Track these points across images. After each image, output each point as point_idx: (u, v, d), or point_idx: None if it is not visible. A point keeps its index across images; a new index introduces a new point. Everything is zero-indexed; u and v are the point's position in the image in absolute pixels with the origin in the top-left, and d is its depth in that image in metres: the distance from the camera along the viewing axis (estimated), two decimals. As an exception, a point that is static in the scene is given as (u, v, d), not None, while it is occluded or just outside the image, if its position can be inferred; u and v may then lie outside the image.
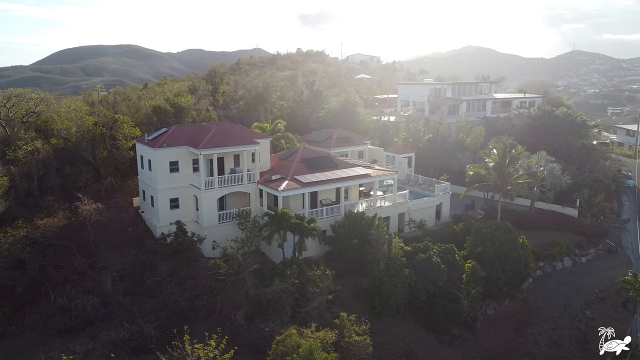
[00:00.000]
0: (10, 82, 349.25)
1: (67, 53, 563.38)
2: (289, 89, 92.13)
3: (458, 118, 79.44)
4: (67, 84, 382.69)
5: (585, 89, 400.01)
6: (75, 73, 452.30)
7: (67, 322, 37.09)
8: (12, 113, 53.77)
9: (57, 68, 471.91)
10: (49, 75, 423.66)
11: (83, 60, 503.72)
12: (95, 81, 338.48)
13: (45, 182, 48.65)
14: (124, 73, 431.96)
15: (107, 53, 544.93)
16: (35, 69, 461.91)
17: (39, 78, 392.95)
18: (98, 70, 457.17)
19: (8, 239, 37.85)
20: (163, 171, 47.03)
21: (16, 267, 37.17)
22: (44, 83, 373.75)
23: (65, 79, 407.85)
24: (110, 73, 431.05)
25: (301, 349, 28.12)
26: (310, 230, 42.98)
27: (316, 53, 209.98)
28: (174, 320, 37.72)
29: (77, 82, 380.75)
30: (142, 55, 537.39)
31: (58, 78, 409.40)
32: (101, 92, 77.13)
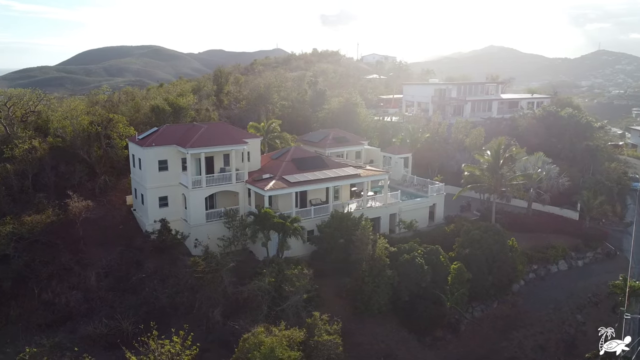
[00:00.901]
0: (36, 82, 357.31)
1: (91, 54, 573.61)
2: (294, 89, 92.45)
3: (458, 118, 78.75)
4: (91, 84, 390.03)
5: (610, 90, 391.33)
6: (98, 73, 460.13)
7: (49, 316, 38.06)
8: (12, 112, 55.23)
9: (81, 68, 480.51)
10: (73, 76, 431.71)
11: (106, 60, 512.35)
12: (117, 81, 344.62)
13: (39, 179, 49.87)
14: (146, 73, 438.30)
15: (130, 54, 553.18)
16: (60, 69, 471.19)
17: (64, 78, 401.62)
18: (120, 70, 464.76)
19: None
20: (152, 170, 47.79)
21: (0, 262, 38.24)
22: (68, 83, 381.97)
23: (88, 79, 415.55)
24: (133, 73, 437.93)
25: (263, 347, 28.37)
26: (292, 230, 43.22)
27: (330, 53, 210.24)
28: (153, 316, 38.12)
29: (100, 82, 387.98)
30: (164, 56, 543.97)
31: (82, 78, 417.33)
32: (106, 92, 78.44)
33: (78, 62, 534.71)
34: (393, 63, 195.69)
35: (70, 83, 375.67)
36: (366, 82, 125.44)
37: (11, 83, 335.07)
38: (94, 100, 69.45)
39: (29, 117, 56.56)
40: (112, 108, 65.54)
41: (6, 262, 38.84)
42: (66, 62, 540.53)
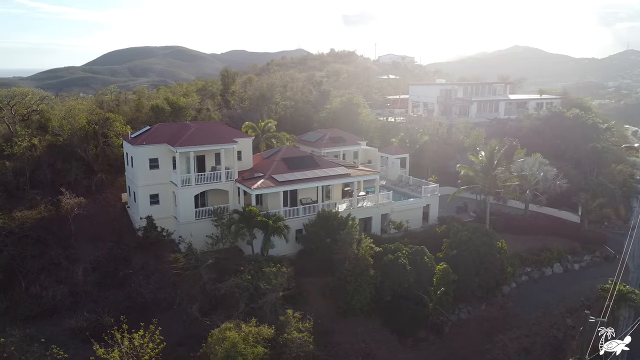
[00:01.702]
0: (63, 82, 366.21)
1: (116, 54, 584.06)
2: (299, 90, 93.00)
3: (459, 119, 78.14)
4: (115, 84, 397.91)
5: (638, 91, 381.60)
6: (123, 73, 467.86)
7: (36, 309, 39.22)
8: (14, 111, 57.00)
9: (107, 69, 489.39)
10: (99, 76, 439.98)
11: (131, 61, 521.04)
12: (141, 81, 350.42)
13: (36, 177, 51.36)
14: (169, 74, 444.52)
15: (154, 54, 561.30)
16: (86, 70, 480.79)
17: (89, 78, 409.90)
18: (144, 70, 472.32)
19: (-19, 229, 40.49)
20: (143, 168, 48.75)
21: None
22: (93, 83, 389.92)
23: (113, 79, 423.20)
24: (156, 74, 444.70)
25: (225, 342, 28.86)
26: (275, 229, 43.65)
27: (346, 54, 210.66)
28: (134, 311, 39.16)
29: (125, 82, 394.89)
30: (187, 56, 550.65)
31: (107, 78, 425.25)
32: (114, 91, 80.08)
33: (104, 62, 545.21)
34: (411, 63, 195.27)
35: (95, 83, 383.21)
36: (376, 82, 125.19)
37: (39, 83, 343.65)
38: (99, 100, 71.16)
39: (31, 116, 58.28)
40: (115, 107, 67.08)
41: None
42: (92, 62, 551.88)
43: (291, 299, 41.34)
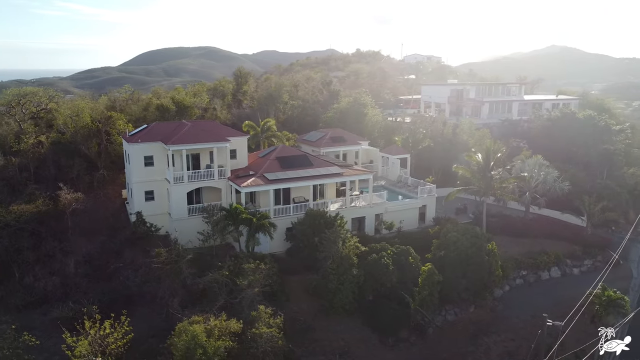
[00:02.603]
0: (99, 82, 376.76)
1: (151, 54, 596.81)
2: (310, 89, 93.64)
3: (463, 119, 77.22)
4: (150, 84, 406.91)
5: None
6: (157, 74, 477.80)
7: (27, 298, 41.07)
8: (25, 110, 59.58)
9: (142, 69, 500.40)
10: (134, 76, 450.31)
11: (165, 61, 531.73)
12: (175, 81, 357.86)
13: (41, 172, 53.58)
14: (202, 74, 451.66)
15: (187, 55, 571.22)
16: (122, 70, 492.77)
17: (125, 78, 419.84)
18: (178, 71, 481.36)
19: (-22, 221, 42.63)
20: (138, 165, 50.30)
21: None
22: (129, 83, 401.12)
23: (148, 79, 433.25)
24: (189, 74, 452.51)
25: (185, 334, 29.75)
26: (259, 226, 44.39)
27: (371, 53, 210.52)
28: (120, 303, 40.34)
29: (159, 82, 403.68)
30: (219, 57, 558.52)
31: (142, 78, 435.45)
32: (127, 91, 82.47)
33: (139, 62, 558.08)
34: (437, 63, 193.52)
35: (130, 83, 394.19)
36: (397, 82, 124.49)
37: (77, 83, 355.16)
38: (112, 99, 73.57)
39: (40, 114, 60.78)
40: (125, 106, 69.23)
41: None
42: (128, 62, 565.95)
43: (272, 295, 41.99)
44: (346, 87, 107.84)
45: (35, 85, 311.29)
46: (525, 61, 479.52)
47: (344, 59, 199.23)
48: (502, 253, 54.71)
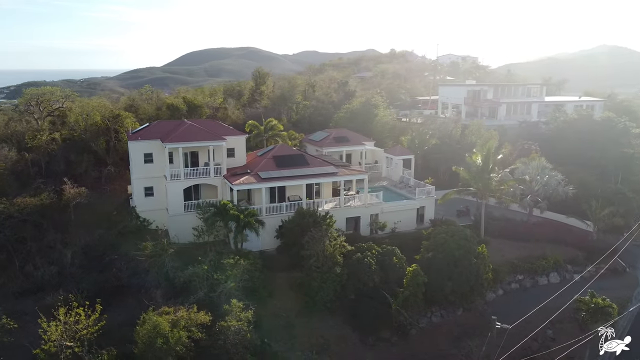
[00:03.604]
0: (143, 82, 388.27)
1: (194, 55, 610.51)
2: (326, 90, 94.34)
3: (472, 121, 76.03)
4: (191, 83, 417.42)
5: None
6: (198, 74, 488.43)
7: (25, 285, 43.54)
8: (42, 108, 62.89)
9: (184, 69, 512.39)
10: (176, 76, 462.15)
11: (207, 61, 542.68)
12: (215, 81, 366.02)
13: (52, 167, 56.47)
14: (241, 74, 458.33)
15: (229, 55, 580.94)
16: (166, 70, 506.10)
17: (168, 78, 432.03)
18: (219, 71, 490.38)
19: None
20: (138, 162, 52.33)
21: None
22: (171, 83, 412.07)
23: (190, 79, 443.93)
24: (229, 74, 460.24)
25: (147, 324, 31.10)
26: (246, 223, 45.47)
27: (403, 53, 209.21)
28: (108, 293, 42.27)
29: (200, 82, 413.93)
30: (260, 57, 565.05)
31: (184, 78, 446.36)
32: (148, 91, 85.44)
33: (182, 63, 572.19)
34: (472, 64, 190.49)
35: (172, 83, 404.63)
36: (417, 83, 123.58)
37: (123, 83, 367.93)
38: (131, 98, 76.54)
39: (56, 113, 63.97)
40: (140, 106, 71.91)
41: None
42: (171, 63, 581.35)
43: (254, 291, 43.03)
44: (368, 87, 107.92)
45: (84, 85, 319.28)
46: (571, 61, 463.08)
47: (376, 59, 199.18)
48: (499, 257, 54.12)
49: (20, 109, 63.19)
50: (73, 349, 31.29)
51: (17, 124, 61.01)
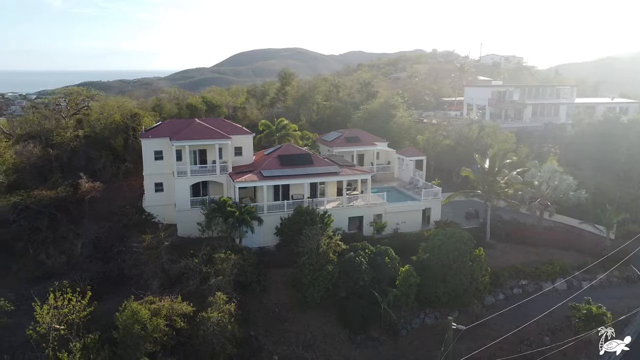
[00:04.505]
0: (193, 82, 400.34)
1: (242, 56, 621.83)
2: (350, 90, 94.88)
3: (488, 122, 74.53)
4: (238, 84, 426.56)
5: None
6: (245, 74, 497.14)
7: (37, 273, 46.59)
8: (69, 107, 66.70)
9: (232, 70, 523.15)
10: (224, 77, 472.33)
11: (254, 62, 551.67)
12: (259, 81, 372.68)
13: (73, 163, 59.86)
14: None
15: (276, 56, 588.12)
16: (214, 71, 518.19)
17: (215, 79, 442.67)
18: (265, 71, 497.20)
19: (0, 202, 48.72)
20: (149, 158, 54.71)
21: (2, 225, 47.89)
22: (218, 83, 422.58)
23: (236, 79, 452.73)
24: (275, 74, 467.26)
25: (126, 311, 32.92)
26: (242, 219, 46.84)
27: (444, 54, 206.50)
28: (109, 282, 44.90)
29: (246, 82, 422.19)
30: (306, 58, 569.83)
31: (231, 79, 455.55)
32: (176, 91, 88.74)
33: (230, 63, 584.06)
34: (516, 64, 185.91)
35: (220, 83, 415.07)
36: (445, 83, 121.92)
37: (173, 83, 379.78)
38: (158, 97, 79.81)
39: (81, 111, 67.66)
40: (163, 105, 74.92)
41: (6, 225, 48.37)
42: (220, 64, 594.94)
43: (247, 285, 44.39)
44: (397, 88, 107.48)
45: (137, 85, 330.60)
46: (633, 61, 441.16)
47: (414, 60, 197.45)
48: (503, 261, 53.31)
49: (49, 107, 67.21)
50: (59, 331, 33.40)
51: (46, 121, 64.94)
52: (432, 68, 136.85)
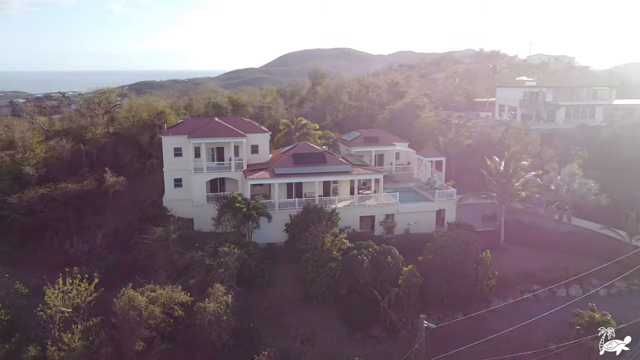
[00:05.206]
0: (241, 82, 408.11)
1: (291, 56, 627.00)
2: (378, 90, 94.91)
3: (512, 123, 72.67)
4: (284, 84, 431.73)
5: None
6: (292, 74, 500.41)
7: (59, 260, 49.66)
8: (102, 106, 70.35)
9: (279, 70, 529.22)
10: (272, 77, 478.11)
11: (303, 62, 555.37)
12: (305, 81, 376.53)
13: (101, 158, 63.18)
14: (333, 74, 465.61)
15: (324, 56, 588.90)
16: (263, 71, 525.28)
17: (264, 79, 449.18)
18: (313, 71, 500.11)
19: (29, 193, 52.07)
20: (169, 155, 57.12)
21: (28, 214, 51.30)
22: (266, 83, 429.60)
23: (284, 79, 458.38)
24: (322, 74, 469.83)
25: (123, 297, 34.88)
26: (248, 215, 48.26)
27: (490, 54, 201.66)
28: (122, 271, 47.27)
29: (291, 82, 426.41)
30: (354, 58, 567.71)
31: (278, 79, 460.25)
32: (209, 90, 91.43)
33: (279, 64, 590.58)
34: (567, 64, 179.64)
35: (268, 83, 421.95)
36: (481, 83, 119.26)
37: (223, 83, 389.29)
38: (190, 97, 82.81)
39: (113, 109, 71.17)
40: (193, 105, 77.69)
41: (32, 215, 51.78)
42: (268, 64, 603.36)
43: (252, 279, 45.75)
44: (431, 88, 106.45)
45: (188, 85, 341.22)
46: None
47: (457, 60, 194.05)
48: (515, 264, 52.30)
49: (85, 105, 71.13)
50: (65, 313, 35.78)
51: (82, 119, 68.78)
52: (468, 68, 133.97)
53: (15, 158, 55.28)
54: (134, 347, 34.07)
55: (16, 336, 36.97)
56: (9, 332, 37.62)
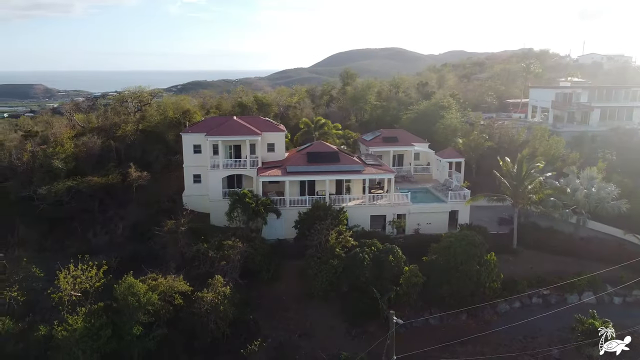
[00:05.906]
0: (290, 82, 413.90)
1: (340, 56, 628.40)
2: (407, 91, 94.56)
3: (538, 126, 70.57)
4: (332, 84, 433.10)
5: None
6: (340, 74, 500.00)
7: (83, 248, 52.87)
8: (134, 104, 73.94)
9: (328, 70, 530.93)
10: (320, 76, 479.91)
11: (352, 62, 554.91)
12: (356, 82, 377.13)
13: (130, 153, 66.51)
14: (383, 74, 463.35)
15: (374, 56, 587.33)
16: (311, 71, 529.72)
17: (312, 78, 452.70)
18: (361, 72, 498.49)
19: (58, 185, 55.63)
20: (189, 152, 59.52)
21: (56, 205, 54.87)
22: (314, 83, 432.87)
23: (331, 79, 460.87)
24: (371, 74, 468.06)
25: (123, 285, 37.08)
26: (256, 211, 49.77)
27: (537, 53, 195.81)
28: (137, 261, 49.73)
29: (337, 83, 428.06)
30: (404, 58, 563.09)
31: (325, 79, 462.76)
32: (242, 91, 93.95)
33: (328, 64, 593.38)
34: (622, 64, 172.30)
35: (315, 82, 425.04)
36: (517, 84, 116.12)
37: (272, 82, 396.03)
38: (220, 97, 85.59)
39: (144, 107, 74.59)
40: (221, 104, 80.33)
41: (60, 205, 55.33)
42: (318, 64, 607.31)
43: (257, 273, 47.28)
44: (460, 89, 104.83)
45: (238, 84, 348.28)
46: None
47: (501, 59, 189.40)
48: (526, 268, 51.39)
49: (118, 104, 75.05)
50: (72, 297, 38.40)
51: (115, 116, 72.62)
52: (504, 68, 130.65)
53: (47, 152, 59.21)
54: (132, 331, 36.12)
55: (29, 316, 39.94)
56: (25, 313, 40.68)
